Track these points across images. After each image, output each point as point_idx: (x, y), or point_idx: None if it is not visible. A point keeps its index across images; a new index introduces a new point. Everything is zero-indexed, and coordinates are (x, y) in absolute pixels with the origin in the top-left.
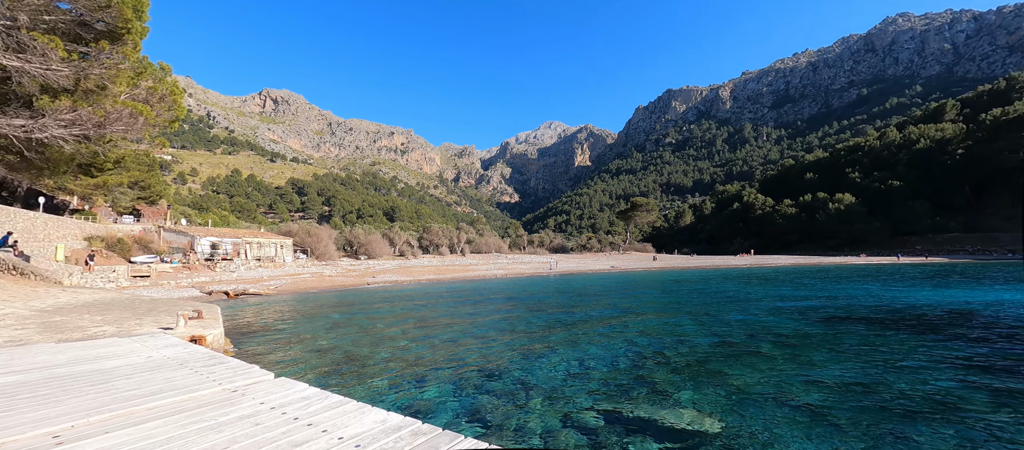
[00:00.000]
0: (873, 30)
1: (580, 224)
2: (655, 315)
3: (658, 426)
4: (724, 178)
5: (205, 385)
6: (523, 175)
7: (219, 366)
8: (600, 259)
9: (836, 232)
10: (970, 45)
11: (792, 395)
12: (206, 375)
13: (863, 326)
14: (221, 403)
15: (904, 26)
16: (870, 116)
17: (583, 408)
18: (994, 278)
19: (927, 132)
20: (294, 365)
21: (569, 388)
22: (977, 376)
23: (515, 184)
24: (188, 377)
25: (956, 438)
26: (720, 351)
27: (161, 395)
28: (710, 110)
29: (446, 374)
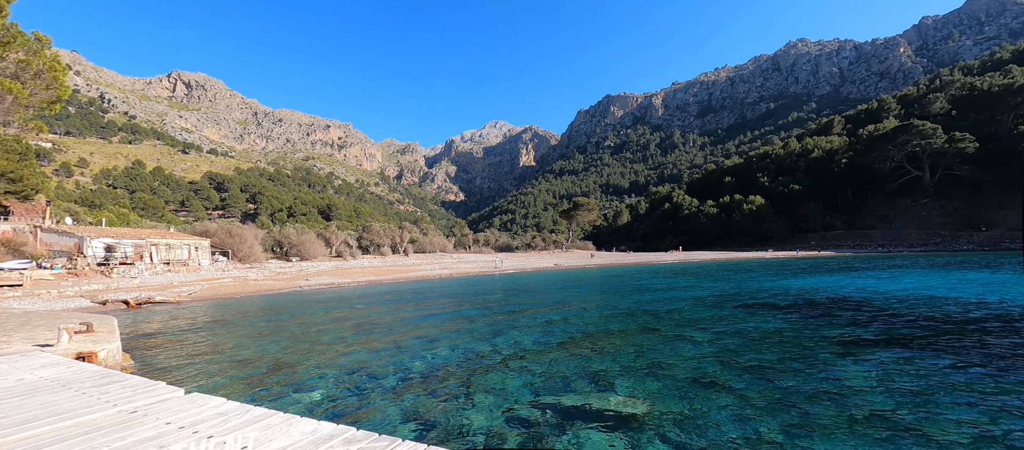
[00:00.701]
0: (779, 52)
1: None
2: (596, 310)
3: (597, 413)
4: (657, 180)
5: (96, 408)
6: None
7: (114, 385)
8: (544, 257)
9: (749, 230)
10: (852, 70)
11: (711, 374)
12: (97, 396)
13: (768, 311)
14: (117, 427)
15: (803, 50)
16: (776, 127)
17: (527, 402)
18: (861, 268)
19: (819, 143)
20: (211, 379)
21: (513, 384)
22: (844, 347)
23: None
24: (74, 400)
25: (828, 396)
26: (651, 340)
27: (37, 423)
28: (645, 116)
29: (387, 378)
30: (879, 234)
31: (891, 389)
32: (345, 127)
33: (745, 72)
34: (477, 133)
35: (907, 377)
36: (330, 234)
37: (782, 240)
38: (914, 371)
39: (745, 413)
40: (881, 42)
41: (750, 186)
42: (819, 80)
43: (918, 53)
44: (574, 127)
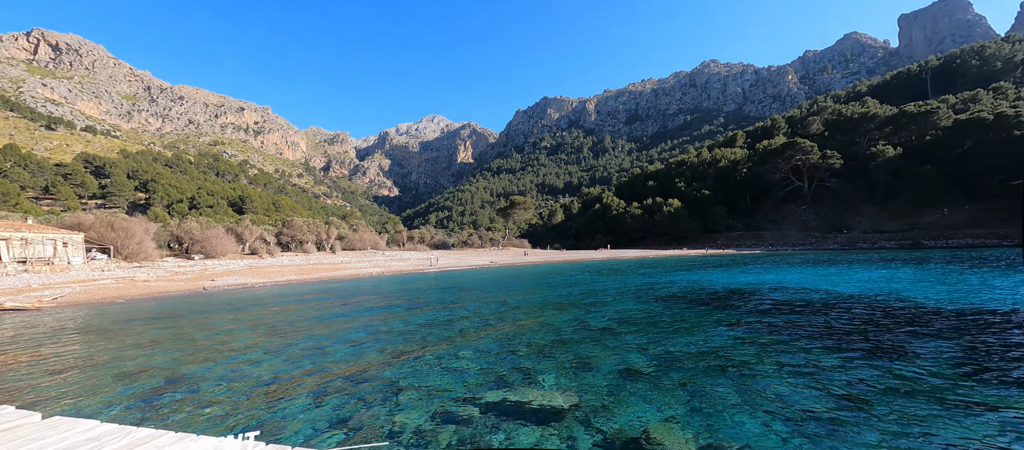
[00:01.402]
0: (695, 69)
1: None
2: (530, 306)
3: (529, 406)
4: (589, 181)
5: None
6: (404, 168)
7: None
8: (481, 255)
9: (668, 230)
10: (752, 91)
11: (631, 362)
12: None
13: (681, 303)
14: None
15: (714, 70)
16: (692, 138)
17: (460, 400)
18: (754, 265)
19: (725, 154)
20: (83, 398)
21: (445, 382)
22: (744, 333)
23: (395, 177)
24: None
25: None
26: (581, 334)
27: None
28: (579, 120)
29: (307, 385)
30: (770, 235)
31: (770, 363)
32: (263, 111)
33: (667, 86)
34: (413, 126)
35: (782, 354)
36: (243, 229)
37: (695, 239)
38: (787, 349)
39: (659, 395)
40: (775, 69)
41: (669, 190)
42: (727, 98)
43: (802, 81)
44: (512, 126)
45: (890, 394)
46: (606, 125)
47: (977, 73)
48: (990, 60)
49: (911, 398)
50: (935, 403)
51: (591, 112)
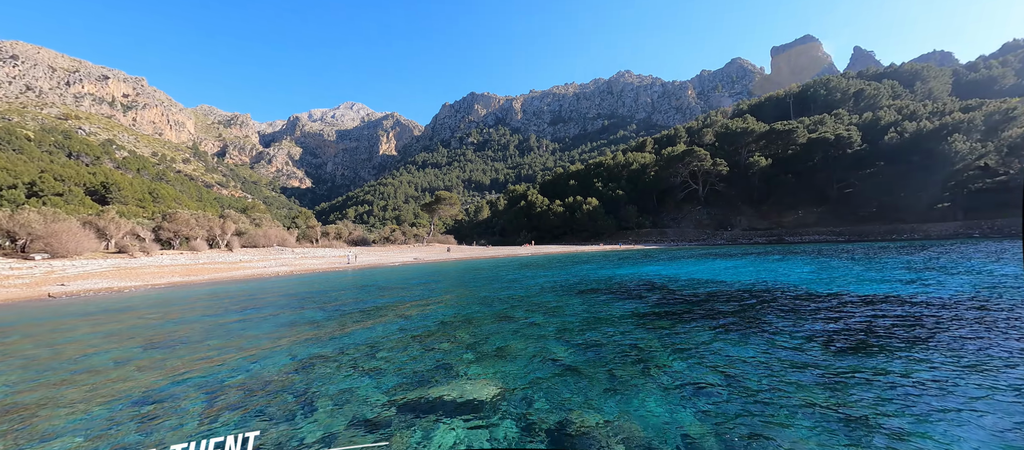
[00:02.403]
0: (612, 78)
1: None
2: (454, 302)
3: (449, 402)
4: (515, 179)
5: None
6: (318, 158)
7: None
8: (404, 251)
9: (587, 227)
10: (659, 102)
11: (552, 352)
12: None
13: (596, 294)
14: None
15: (629, 80)
16: (609, 141)
17: (378, 403)
18: (660, 259)
19: (637, 158)
20: None
21: (363, 386)
22: (650, 319)
23: (307, 167)
24: None
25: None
26: (504, 327)
27: None
28: (506, 118)
29: (195, 402)
30: (672, 232)
31: (670, 346)
32: (135, 82)
33: (587, 91)
34: (330, 113)
35: (678, 337)
36: (107, 223)
37: (610, 236)
38: (684, 332)
39: (578, 380)
40: (677, 84)
41: (589, 189)
42: (639, 106)
43: (699, 96)
44: (439, 120)
45: (767, 366)
46: (531, 124)
47: (824, 101)
48: (833, 91)
49: (788, 368)
50: (803, 371)
51: (517, 111)
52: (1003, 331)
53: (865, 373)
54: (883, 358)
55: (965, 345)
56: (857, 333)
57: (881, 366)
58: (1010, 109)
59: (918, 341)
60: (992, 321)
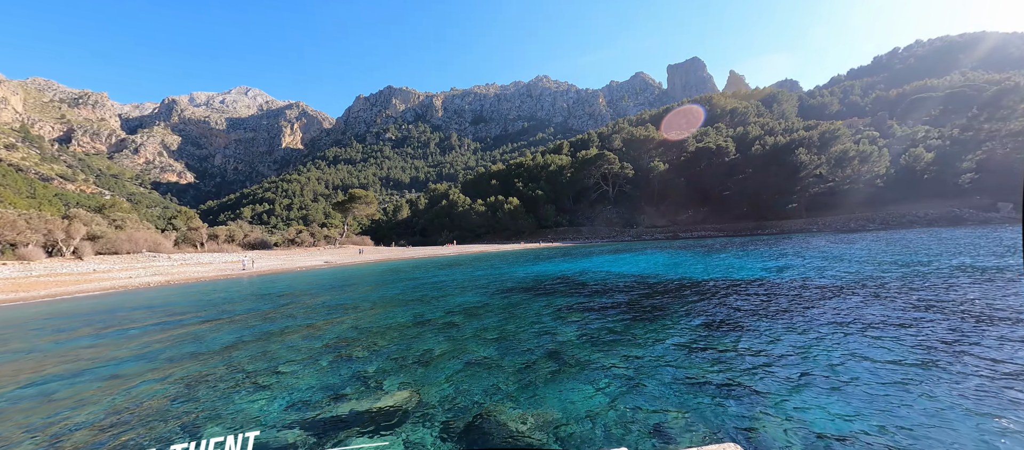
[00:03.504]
0: (531, 81)
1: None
2: (369, 307)
3: (363, 414)
4: (436, 177)
5: None
6: (203, 149)
7: None
8: (313, 254)
9: (508, 226)
10: (574, 107)
11: (471, 351)
12: None
13: (515, 291)
14: None
15: (547, 85)
16: (529, 143)
17: (277, 425)
18: (575, 256)
19: (555, 160)
20: None
21: (259, 406)
22: (566, 313)
23: (189, 159)
24: None
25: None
26: (423, 329)
27: None
28: (426, 115)
29: (33, 439)
30: (586, 230)
31: (583, 336)
32: None
33: (508, 93)
34: (218, 98)
35: (589, 327)
36: None
37: (531, 234)
38: (595, 322)
39: (498, 378)
40: (590, 91)
41: (510, 189)
42: (556, 111)
43: (609, 104)
44: (353, 113)
45: (668, 346)
46: (453, 123)
47: (709, 114)
48: (714, 107)
49: (678, 348)
50: (685, 350)
51: (438, 108)
52: (835, 306)
53: (728, 346)
54: (755, 335)
55: (813, 318)
56: (730, 312)
57: (755, 340)
58: (836, 129)
59: (774, 316)
60: (827, 297)
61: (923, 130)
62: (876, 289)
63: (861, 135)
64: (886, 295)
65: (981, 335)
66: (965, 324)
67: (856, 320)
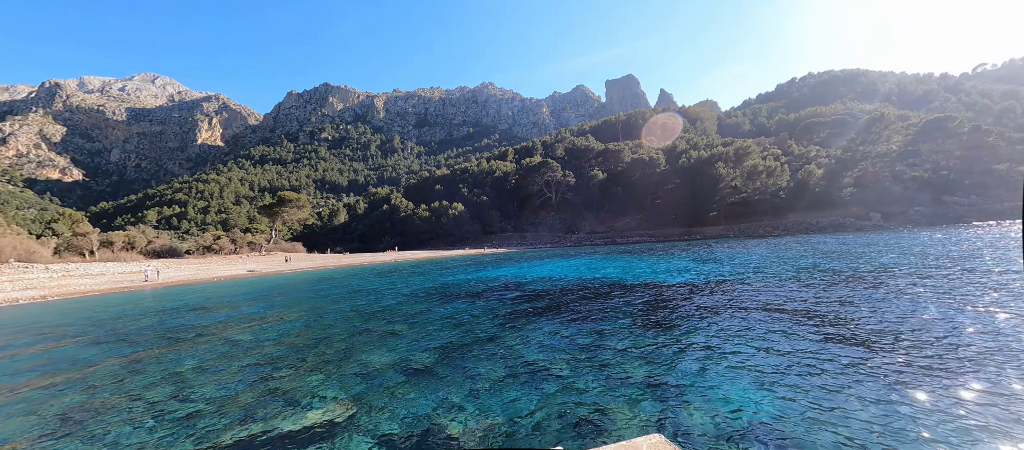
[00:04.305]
0: (477, 87)
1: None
2: (298, 317)
3: (292, 434)
4: (377, 181)
5: None
6: (96, 142)
7: None
8: (234, 262)
9: (453, 231)
10: (519, 116)
11: (414, 361)
12: None
13: (460, 298)
14: None
15: (492, 92)
16: (474, 148)
17: None
18: (519, 261)
19: (500, 166)
20: None
21: (162, 436)
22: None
23: (76, 153)
24: None
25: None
26: (360, 340)
27: None
28: (366, 115)
29: None
30: (530, 235)
31: (526, 341)
32: None
33: (454, 97)
34: (116, 84)
35: (531, 331)
36: None
37: (476, 240)
38: (537, 325)
39: (440, 386)
40: (534, 101)
41: (454, 194)
42: (501, 118)
43: (552, 114)
44: (284, 110)
45: (602, 347)
46: (395, 125)
47: (642, 128)
48: (648, 120)
49: (613, 348)
50: (617, 349)
51: (380, 109)
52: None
53: (655, 343)
54: (677, 331)
55: (727, 315)
56: (657, 312)
57: (676, 337)
58: (748, 146)
59: (695, 314)
60: (749, 297)
61: (815, 150)
62: (780, 287)
63: (767, 152)
64: (788, 292)
65: (865, 326)
66: (852, 317)
67: (764, 315)
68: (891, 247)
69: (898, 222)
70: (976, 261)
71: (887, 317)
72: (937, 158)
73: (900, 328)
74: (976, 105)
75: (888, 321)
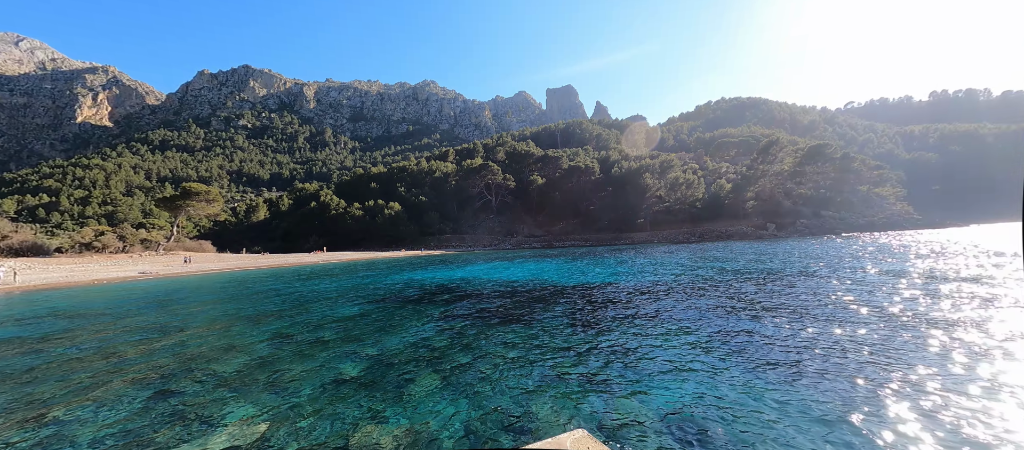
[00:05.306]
0: (418, 85)
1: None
2: (203, 327)
3: None
4: (305, 176)
5: None
6: None
7: None
8: (123, 263)
9: (389, 232)
10: (461, 117)
11: (340, 372)
12: None
13: (390, 302)
14: None
15: (434, 91)
16: (414, 147)
17: None
18: (458, 263)
19: (440, 167)
20: None
21: None
22: (444, 322)
23: None
24: None
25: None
26: (279, 349)
27: None
28: (294, 104)
29: None
30: (470, 238)
31: (458, 345)
32: None
33: (393, 93)
34: None
35: (465, 335)
36: None
37: (413, 241)
38: (471, 329)
39: (368, 397)
40: (477, 103)
41: (391, 193)
42: (442, 118)
43: (494, 118)
44: (193, 90)
45: (533, 348)
46: (327, 117)
47: (579, 138)
48: (585, 131)
49: (545, 348)
50: (546, 349)
51: (310, 99)
52: (677, 304)
53: (581, 342)
54: (602, 331)
55: (647, 314)
56: (585, 313)
57: (601, 336)
58: (671, 160)
59: (618, 313)
60: (668, 298)
61: (725, 166)
62: (695, 288)
63: (687, 167)
64: (702, 294)
65: (772, 322)
66: (761, 313)
67: (681, 313)
68: (780, 253)
69: (788, 232)
70: (843, 267)
71: (782, 313)
72: (817, 178)
73: (788, 318)
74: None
75: (783, 316)
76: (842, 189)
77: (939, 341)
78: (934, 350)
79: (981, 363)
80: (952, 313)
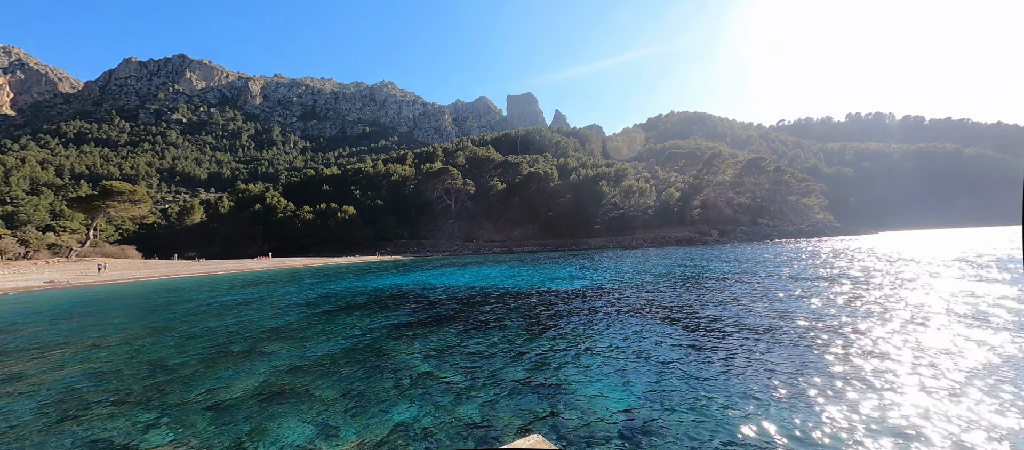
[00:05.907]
0: (375, 85)
1: None
2: (125, 343)
3: None
4: (248, 176)
5: None
6: None
7: None
8: (25, 271)
9: (342, 237)
10: (420, 120)
11: (285, 383)
12: None
13: (346, 311)
14: None
15: (392, 92)
16: (370, 149)
17: None
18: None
19: (398, 170)
20: None
21: None
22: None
23: None
24: None
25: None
26: (215, 367)
27: None
28: (238, 99)
29: None
30: (428, 243)
31: (415, 352)
32: None
33: (348, 92)
34: None
35: (423, 341)
36: None
37: (368, 246)
38: (429, 336)
39: (313, 408)
40: (437, 107)
41: (345, 197)
42: (401, 120)
43: (455, 122)
44: (118, 79)
45: (487, 355)
46: (276, 115)
47: (539, 144)
48: (544, 138)
49: (501, 354)
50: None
51: (256, 94)
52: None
53: (537, 348)
54: (558, 335)
55: (601, 318)
56: (540, 318)
57: (557, 341)
58: (625, 169)
59: (574, 319)
60: (622, 301)
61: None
62: (646, 291)
63: (640, 175)
64: (655, 296)
65: (719, 324)
66: (712, 314)
67: (633, 316)
68: (722, 257)
69: (729, 238)
70: (778, 267)
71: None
72: (754, 189)
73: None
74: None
75: (725, 315)
76: (775, 199)
77: (825, 330)
78: (820, 340)
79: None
80: (846, 308)
